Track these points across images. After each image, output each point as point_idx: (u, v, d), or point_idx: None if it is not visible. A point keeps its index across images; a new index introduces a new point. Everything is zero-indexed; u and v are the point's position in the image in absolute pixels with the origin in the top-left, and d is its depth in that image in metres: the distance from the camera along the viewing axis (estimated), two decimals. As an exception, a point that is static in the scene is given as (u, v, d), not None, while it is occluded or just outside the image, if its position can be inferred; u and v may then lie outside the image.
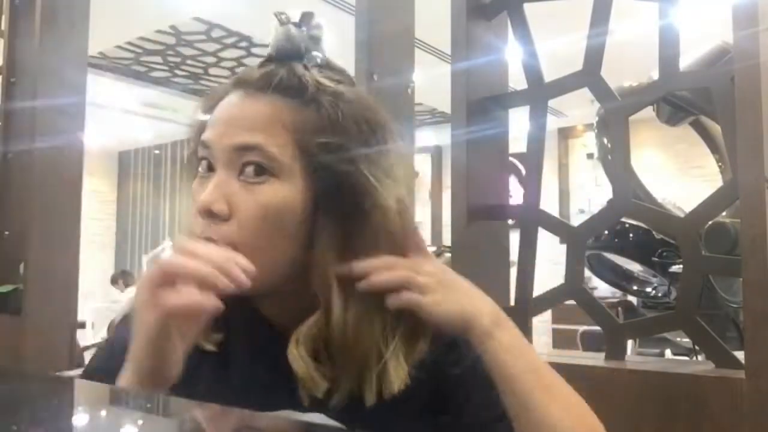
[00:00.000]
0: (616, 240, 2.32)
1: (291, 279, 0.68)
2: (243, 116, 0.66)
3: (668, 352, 3.05)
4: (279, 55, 0.70)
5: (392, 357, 0.67)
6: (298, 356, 0.65)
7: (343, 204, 0.67)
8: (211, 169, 0.67)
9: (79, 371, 1.22)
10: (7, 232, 2.08)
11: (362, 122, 0.68)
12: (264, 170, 0.65)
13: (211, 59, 5.66)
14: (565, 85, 1.35)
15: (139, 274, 7.85)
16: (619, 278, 2.69)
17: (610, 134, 1.63)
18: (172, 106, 7.09)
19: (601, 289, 5.17)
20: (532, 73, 1.39)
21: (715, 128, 2.12)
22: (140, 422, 0.51)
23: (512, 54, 1.50)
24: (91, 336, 6.03)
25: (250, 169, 0.65)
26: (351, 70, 1.36)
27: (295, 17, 0.72)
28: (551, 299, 1.35)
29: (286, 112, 0.66)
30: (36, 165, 1.92)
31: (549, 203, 7.03)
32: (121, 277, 7.64)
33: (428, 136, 7.65)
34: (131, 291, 5.94)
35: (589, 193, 7.10)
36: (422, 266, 0.69)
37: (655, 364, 1.22)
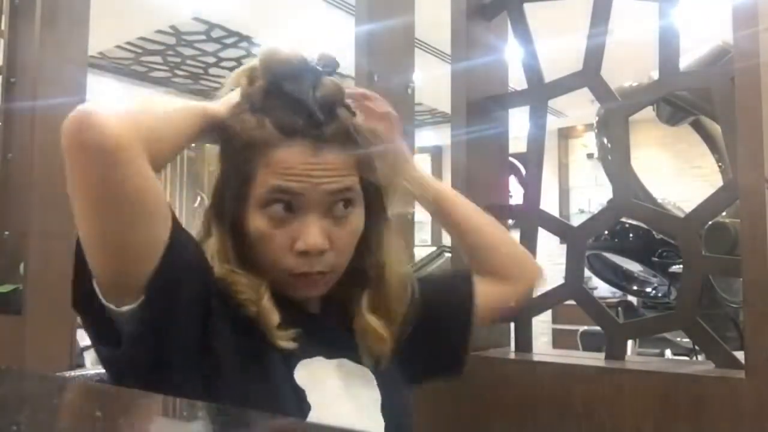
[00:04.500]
0: (616, 240, 2.32)
1: None
2: (330, 165, 0.78)
3: (668, 352, 3.05)
4: (327, 105, 0.79)
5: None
6: (374, 322, 0.85)
7: (376, 201, 0.86)
8: (288, 209, 0.78)
9: (79, 371, 1.22)
10: (7, 232, 2.08)
11: (372, 138, 0.84)
12: (350, 203, 0.81)
13: (211, 59, 5.66)
14: (565, 85, 1.35)
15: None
16: (619, 278, 2.69)
17: (610, 134, 1.63)
18: (172, 106, 7.07)
19: (601, 289, 5.17)
20: (532, 73, 1.39)
21: (715, 128, 2.12)
22: (140, 422, 0.51)
23: (512, 54, 1.50)
24: (91, 336, 6.03)
25: (340, 205, 0.80)
26: (351, 71, 1.36)
27: (316, 61, 0.82)
28: (551, 299, 1.35)
29: (351, 153, 0.80)
30: (36, 165, 1.92)
31: (549, 203, 7.03)
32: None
33: (428, 136, 7.65)
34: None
35: (589, 193, 7.10)
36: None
37: (655, 364, 1.22)
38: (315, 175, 0.77)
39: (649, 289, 2.66)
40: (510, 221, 1.50)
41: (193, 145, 0.84)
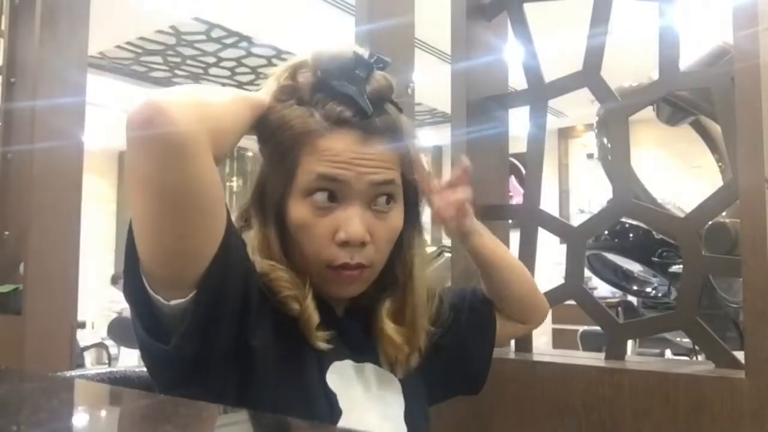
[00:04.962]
0: (616, 240, 2.32)
1: None
2: (376, 156, 0.78)
3: (668, 352, 3.05)
4: (377, 98, 0.80)
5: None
6: (389, 327, 0.84)
7: (414, 204, 0.87)
8: (332, 198, 0.77)
9: (79, 371, 1.22)
10: (7, 232, 2.08)
11: (417, 140, 0.87)
12: (391, 199, 0.81)
13: (211, 59, 5.66)
14: (565, 85, 1.35)
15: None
16: (619, 278, 2.69)
17: (610, 134, 1.63)
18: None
19: (601, 289, 5.17)
20: (532, 73, 1.39)
21: (715, 128, 2.12)
22: (140, 422, 0.51)
23: (512, 54, 1.50)
24: (91, 336, 6.03)
25: (382, 200, 0.80)
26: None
27: (368, 56, 0.82)
28: (551, 299, 1.34)
29: (394, 148, 0.81)
30: (36, 165, 1.92)
31: (549, 203, 7.03)
32: (121, 277, 7.62)
33: (428, 136, 7.65)
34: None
35: (589, 193, 7.11)
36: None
37: (655, 364, 1.22)
38: (361, 165, 0.77)
39: (649, 289, 2.66)
40: (510, 221, 1.50)
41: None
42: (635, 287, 2.70)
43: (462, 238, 0.96)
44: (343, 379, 0.81)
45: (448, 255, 1.35)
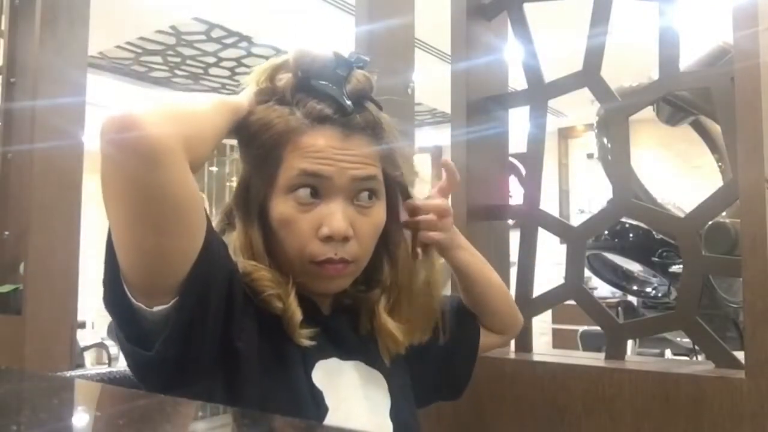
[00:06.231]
0: (616, 240, 2.33)
1: None
2: (357, 152, 0.80)
3: (668, 352, 3.05)
4: (357, 96, 0.81)
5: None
6: (389, 323, 0.85)
7: (396, 199, 0.88)
8: (315, 195, 0.78)
9: (79, 371, 1.22)
10: (7, 232, 2.08)
11: (398, 137, 0.86)
12: (373, 194, 0.82)
13: (211, 59, 5.65)
14: (565, 85, 1.35)
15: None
16: (619, 278, 2.69)
17: (610, 134, 1.63)
18: (172, 106, 7.04)
19: (601, 289, 5.18)
20: (532, 73, 1.40)
21: (715, 128, 2.13)
22: (140, 422, 0.51)
23: (512, 54, 1.50)
24: (91, 336, 6.03)
25: (365, 195, 0.81)
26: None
27: (348, 56, 0.83)
28: (551, 299, 1.35)
29: (377, 144, 0.82)
30: (36, 165, 1.92)
31: (549, 203, 7.02)
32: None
33: (428, 136, 7.65)
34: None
35: (589, 193, 7.11)
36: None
37: (655, 364, 1.22)
38: (343, 160, 0.78)
39: (649, 289, 2.67)
40: (510, 221, 1.50)
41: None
42: (635, 287, 2.70)
43: (443, 253, 0.97)
44: (330, 376, 0.82)
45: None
